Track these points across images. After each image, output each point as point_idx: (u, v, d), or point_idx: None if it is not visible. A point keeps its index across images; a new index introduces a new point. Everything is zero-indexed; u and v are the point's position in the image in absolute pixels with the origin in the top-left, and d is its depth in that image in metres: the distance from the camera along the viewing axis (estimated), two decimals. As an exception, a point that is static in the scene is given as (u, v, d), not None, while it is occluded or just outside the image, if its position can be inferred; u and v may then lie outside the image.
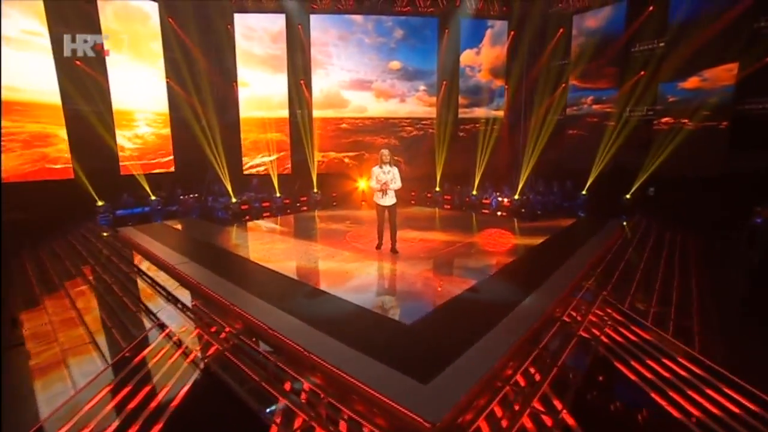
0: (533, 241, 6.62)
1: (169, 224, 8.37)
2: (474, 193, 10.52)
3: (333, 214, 9.55)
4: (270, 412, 2.51)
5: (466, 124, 11.49)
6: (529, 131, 10.77)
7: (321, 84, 11.11)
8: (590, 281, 4.72)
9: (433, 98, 11.36)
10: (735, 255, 6.36)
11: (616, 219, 8.07)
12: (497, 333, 3.27)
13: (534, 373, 2.83)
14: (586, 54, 9.76)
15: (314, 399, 2.62)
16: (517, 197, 9.45)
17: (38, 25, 7.53)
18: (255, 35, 10.65)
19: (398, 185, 5.76)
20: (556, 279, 4.59)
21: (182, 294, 4.55)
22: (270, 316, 3.65)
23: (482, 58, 11.09)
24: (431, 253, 6.01)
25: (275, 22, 10.59)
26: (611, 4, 9.28)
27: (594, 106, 9.98)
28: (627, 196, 8.91)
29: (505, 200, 9.56)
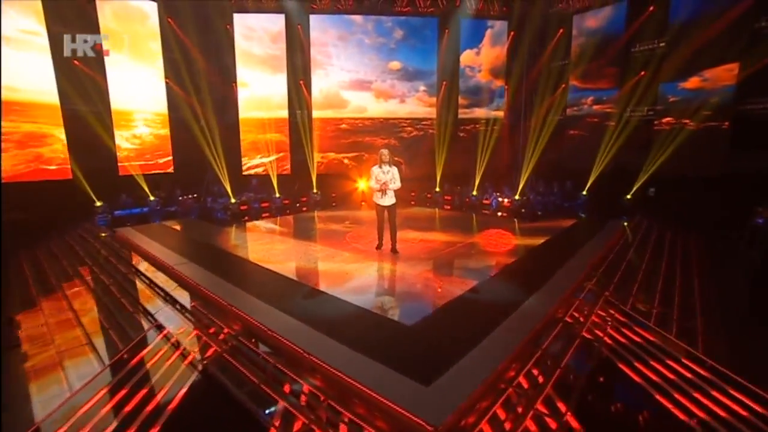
0: (534, 242, 6.59)
1: (168, 225, 8.32)
2: (474, 194, 10.49)
3: (333, 215, 9.51)
4: (269, 415, 2.47)
5: (466, 125, 11.46)
6: (530, 132, 10.76)
7: (320, 84, 11.08)
8: (592, 282, 4.69)
9: (433, 98, 11.34)
10: (736, 255, 6.35)
11: (617, 219, 8.04)
12: (499, 334, 3.23)
13: (537, 375, 2.79)
14: (587, 54, 9.74)
15: (314, 401, 2.58)
16: (518, 198, 9.42)
17: (36, 24, 7.49)
18: (254, 35, 10.63)
19: (398, 185, 5.73)
20: (558, 280, 4.55)
21: (180, 295, 4.50)
22: (269, 317, 3.61)
23: (482, 59, 11.08)
24: (432, 254, 5.98)
25: (275, 22, 10.57)
26: (611, 4, 9.27)
27: (594, 107, 9.96)
28: (628, 197, 8.88)
29: (506, 201, 9.53)
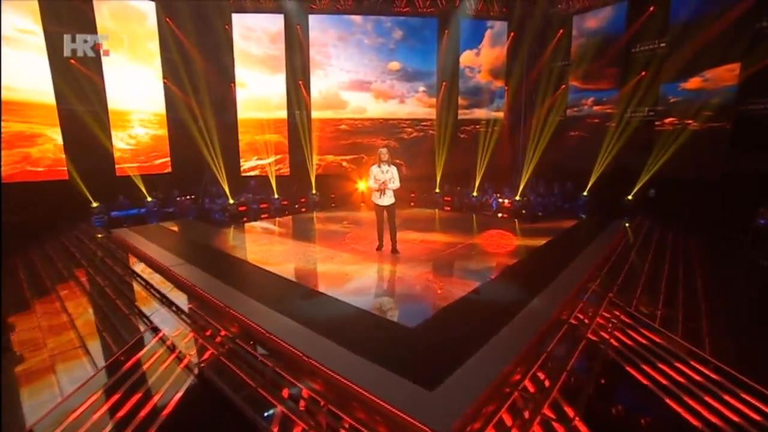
0: (535, 243, 6.53)
1: (165, 226, 8.23)
2: (474, 195, 10.42)
3: (332, 216, 9.44)
4: (267, 421, 2.39)
5: (467, 125, 11.41)
6: (530, 132, 10.71)
7: (320, 85, 11.02)
8: (596, 283, 4.62)
9: (433, 99, 11.28)
10: (738, 256, 6.30)
11: (619, 220, 7.99)
12: (504, 336, 3.15)
13: (543, 379, 2.72)
14: (587, 55, 9.70)
15: (313, 406, 2.49)
16: (518, 199, 9.36)
17: (31, 23, 7.41)
18: (253, 35, 10.56)
19: (397, 185, 5.67)
20: (561, 281, 4.48)
21: (177, 297, 4.41)
22: (267, 319, 3.52)
23: (482, 59, 11.04)
24: (433, 255, 5.91)
25: (274, 23, 10.51)
26: (612, 5, 9.24)
27: (595, 107, 9.92)
28: (629, 198, 8.83)
29: (506, 202, 9.47)
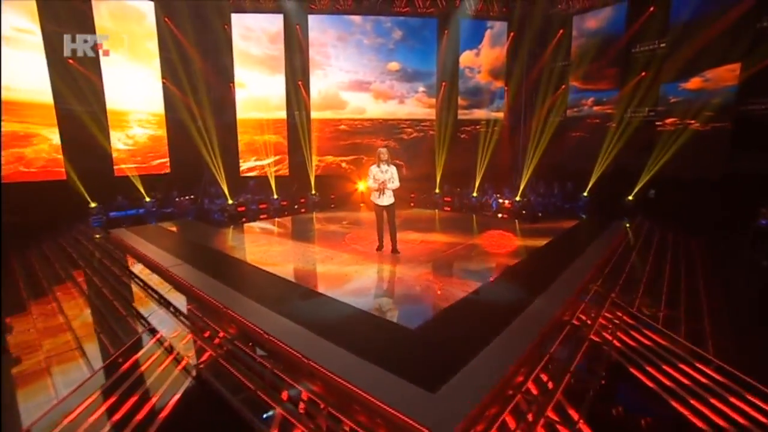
0: (536, 243, 6.50)
1: (164, 226, 8.19)
2: (474, 195, 10.39)
3: (331, 216, 9.40)
4: (266, 423, 2.34)
5: (467, 126, 11.38)
6: (530, 133, 10.68)
7: (319, 85, 10.98)
8: (597, 284, 4.59)
9: (433, 99, 11.25)
10: (739, 256, 6.28)
11: (619, 221, 7.96)
12: (506, 337, 3.11)
13: (546, 381, 2.68)
14: (587, 55, 9.68)
15: (313, 409, 2.45)
16: (518, 199, 9.33)
17: (29, 23, 7.36)
18: (252, 35, 10.52)
19: (396, 185, 5.63)
20: (563, 281, 4.44)
21: (175, 298, 4.37)
22: (266, 320, 3.48)
23: (482, 60, 11.01)
24: (433, 255, 5.86)
25: (273, 23, 10.47)
26: (612, 5, 9.23)
27: (595, 108, 9.89)
28: (629, 198, 8.81)
29: (506, 202, 9.44)
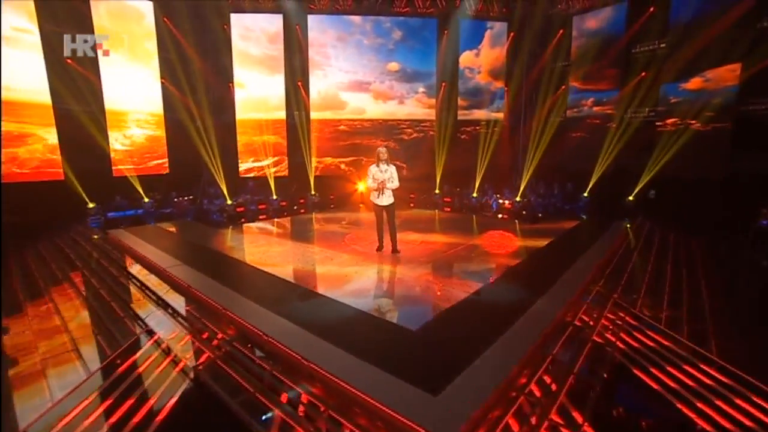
0: (536, 244, 6.47)
1: (162, 226, 8.15)
2: (474, 196, 10.36)
3: (331, 216, 9.37)
4: (265, 426, 2.30)
5: (466, 126, 11.35)
6: (530, 133, 10.65)
7: (319, 85, 10.95)
8: (599, 285, 4.55)
9: (433, 100, 11.23)
10: (740, 257, 6.26)
11: (620, 221, 7.94)
12: (508, 339, 3.07)
13: (550, 383, 2.64)
14: (587, 55, 9.67)
15: (313, 412, 2.41)
16: (518, 199, 9.30)
17: (27, 22, 7.32)
18: (252, 35, 10.49)
19: (395, 185, 5.59)
20: (565, 282, 4.41)
21: (173, 298, 4.32)
22: (265, 322, 3.44)
23: (482, 60, 10.99)
24: (433, 256, 5.83)
25: (272, 23, 10.44)
26: (612, 5, 9.22)
27: (595, 108, 9.88)
28: (630, 198, 8.78)
29: (506, 202, 9.41)
